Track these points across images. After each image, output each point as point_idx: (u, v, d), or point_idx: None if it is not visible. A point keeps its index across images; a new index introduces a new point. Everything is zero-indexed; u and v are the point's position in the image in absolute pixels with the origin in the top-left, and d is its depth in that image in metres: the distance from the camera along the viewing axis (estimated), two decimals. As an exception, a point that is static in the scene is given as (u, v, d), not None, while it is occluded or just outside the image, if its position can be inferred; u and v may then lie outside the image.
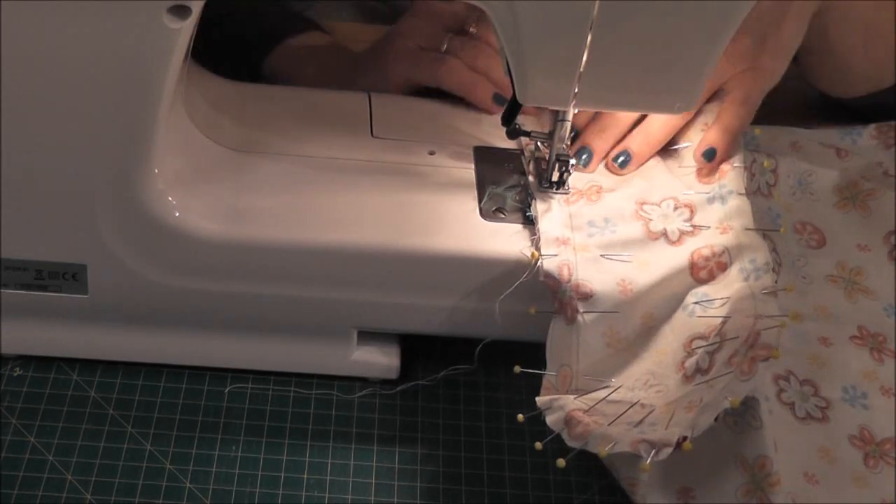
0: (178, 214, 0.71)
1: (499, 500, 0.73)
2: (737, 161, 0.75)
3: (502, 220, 0.75)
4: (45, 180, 0.69)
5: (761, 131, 0.83)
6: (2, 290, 0.74)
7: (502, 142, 0.81)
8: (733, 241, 0.71)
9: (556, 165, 0.75)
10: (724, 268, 0.71)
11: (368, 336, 0.78)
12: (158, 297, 0.74)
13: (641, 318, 0.71)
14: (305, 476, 0.73)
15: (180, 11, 0.63)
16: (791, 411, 0.71)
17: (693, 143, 0.77)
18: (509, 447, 0.75)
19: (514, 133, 0.75)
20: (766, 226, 0.76)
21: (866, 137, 0.88)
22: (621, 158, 0.78)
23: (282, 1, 1.01)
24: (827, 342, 0.75)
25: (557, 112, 0.73)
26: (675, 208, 0.74)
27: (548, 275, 0.70)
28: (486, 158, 0.79)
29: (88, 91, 0.65)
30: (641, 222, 0.73)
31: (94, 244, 0.71)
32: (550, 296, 0.71)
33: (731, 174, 0.74)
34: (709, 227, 0.72)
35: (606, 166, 0.79)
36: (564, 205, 0.74)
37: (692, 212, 0.74)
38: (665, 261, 0.72)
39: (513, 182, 0.77)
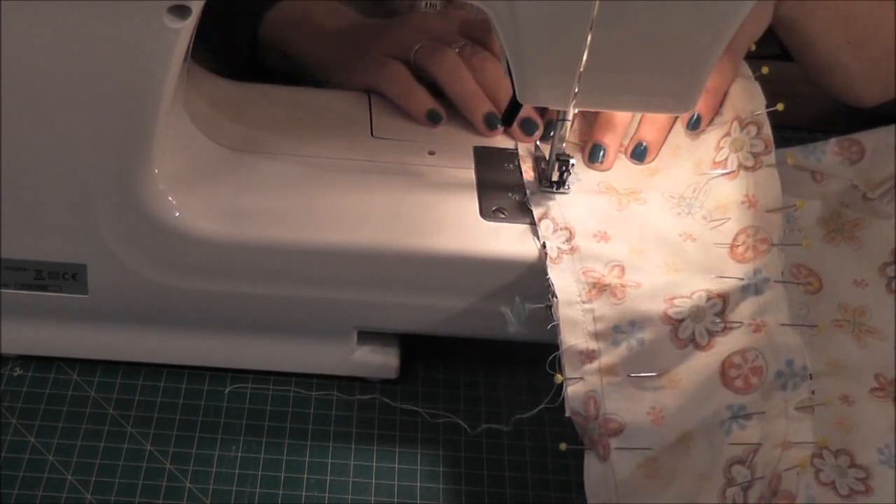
0: (178, 214, 0.71)
1: (499, 500, 0.73)
2: (775, 237, 0.70)
3: (502, 220, 0.75)
4: (45, 180, 0.69)
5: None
6: (2, 290, 0.74)
7: (502, 142, 0.81)
8: (766, 341, 0.67)
9: (556, 165, 0.75)
10: (759, 373, 0.66)
11: (368, 336, 0.78)
12: (158, 297, 0.74)
13: (678, 438, 0.67)
14: (305, 476, 0.73)
15: (180, 11, 0.63)
16: (833, 491, 0.68)
17: (732, 217, 0.72)
18: (509, 447, 0.75)
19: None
20: None
21: (829, 154, 0.85)
22: (638, 150, 0.79)
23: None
24: (849, 400, 0.73)
25: (557, 112, 0.73)
26: (708, 299, 0.69)
27: (575, 412, 0.68)
28: (486, 158, 0.79)
29: (88, 91, 0.65)
30: (670, 327, 0.69)
31: (94, 244, 0.71)
32: (580, 431, 0.69)
33: (767, 256, 0.70)
34: (741, 323, 0.68)
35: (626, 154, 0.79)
36: (588, 300, 0.70)
37: (725, 303, 0.69)
38: (696, 372, 0.68)
39: (513, 183, 0.77)
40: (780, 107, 0.73)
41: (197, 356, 0.77)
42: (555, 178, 0.76)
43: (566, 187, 0.76)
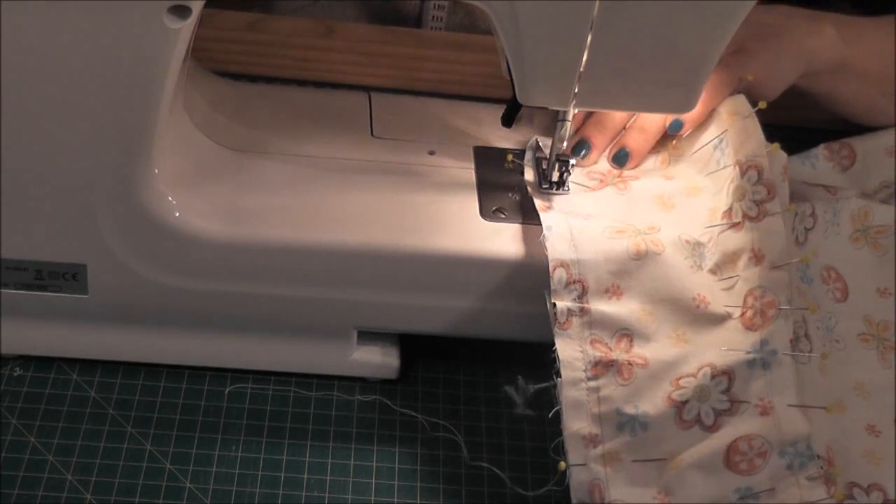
0: (178, 214, 0.71)
1: (499, 500, 0.73)
2: (783, 299, 0.68)
3: (502, 220, 0.75)
4: (45, 180, 0.69)
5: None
6: (2, 290, 0.74)
7: (502, 142, 0.81)
8: (773, 427, 0.66)
9: (557, 165, 0.75)
10: (764, 456, 0.65)
11: (368, 336, 0.78)
12: (158, 297, 0.74)
13: None
14: (305, 476, 0.73)
15: (180, 11, 0.63)
16: None
17: (741, 276, 0.70)
18: (509, 447, 0.75)
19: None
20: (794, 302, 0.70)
21: (822, 160, 0.84)
22: (620, 155, 0.78)
23: (284, 0, 1.01)
24: (875, 431, 0.73)
25: (557, 112, 0.73)
26: (713, 377, 0.67)
27: (582, 502, 0.66)
28: (486, 158, 0.79)
29: (88, 91, 0.65)
30: (674, 409, 0.67)
31: (94, 244, 0.71)
32: None
33: (774, 324, 0.68)
34: (748, 403, 0.67)
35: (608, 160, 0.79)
36: (594, 376, 0.68)
37: (730, 380, 0.67)
38: (700, 455, 0.66)
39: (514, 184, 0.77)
40: (774, 147, 0.71)
41: (197, 356, 0.77)
42: (555, 178, 0.76)
43: (566, 188, 0.76)
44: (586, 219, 0.73)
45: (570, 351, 0.69)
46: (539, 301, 0.72)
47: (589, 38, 0.65)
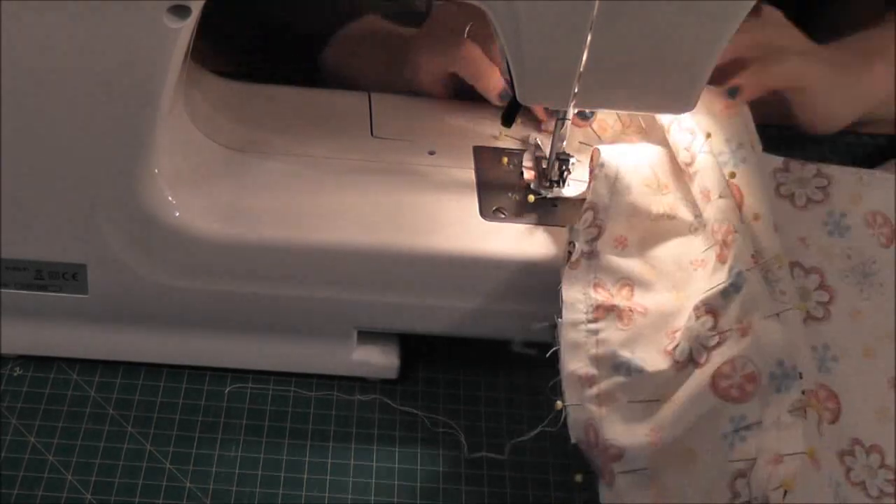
0: (178, 214, 0.71)
1: (499, 499, 0.73)
2: (735, 223, 0.69)
3: (502, 220, 0.75)
4: (45, 180, 0.69)
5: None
6: (2, 290, 0.74)
7: (502, 142, 0.81)
8: (752, 344, 0.65)
9: (557, 164, 0.75)
10: (754, 378, 0.65)
11: (368, 336, 0.78)
12: (158, 297, 0.74)
13: (679, 454, 0.66)
14: (305, 476, 0.73)
15: (180, 11, 0.63)
16: (864, 492, 0.68)
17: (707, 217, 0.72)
18: (509, 446, 0.75)
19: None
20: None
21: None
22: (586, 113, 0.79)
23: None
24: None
25: (557, 112, 0.73)
26: (697, 318, 0.68)
27: (579, 440, 0.68)
28: (486, 158, 0.79)
29: (89, 91, 0.65)
30: (670, 357, 0.68)
31: (94, 244, 0.71)
32: (588, 458, 0.69)
33: (735, 247, 0.68)
34: (731, 330, 0.66)
35: None
36: (594, 319, 0.69)
37: (715, 317, 0.67)
38: (690, 389, 0.66)
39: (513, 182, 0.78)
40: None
41: (197, 356, 0.77)
42: (555, 177, 0.76)
43: (566, 186, 0.76)
44: (636, 160, 0.74)
45: (574, 293, 0.70)
46: (539, 301, 0.72)
47: (589, 38, 0.65)
